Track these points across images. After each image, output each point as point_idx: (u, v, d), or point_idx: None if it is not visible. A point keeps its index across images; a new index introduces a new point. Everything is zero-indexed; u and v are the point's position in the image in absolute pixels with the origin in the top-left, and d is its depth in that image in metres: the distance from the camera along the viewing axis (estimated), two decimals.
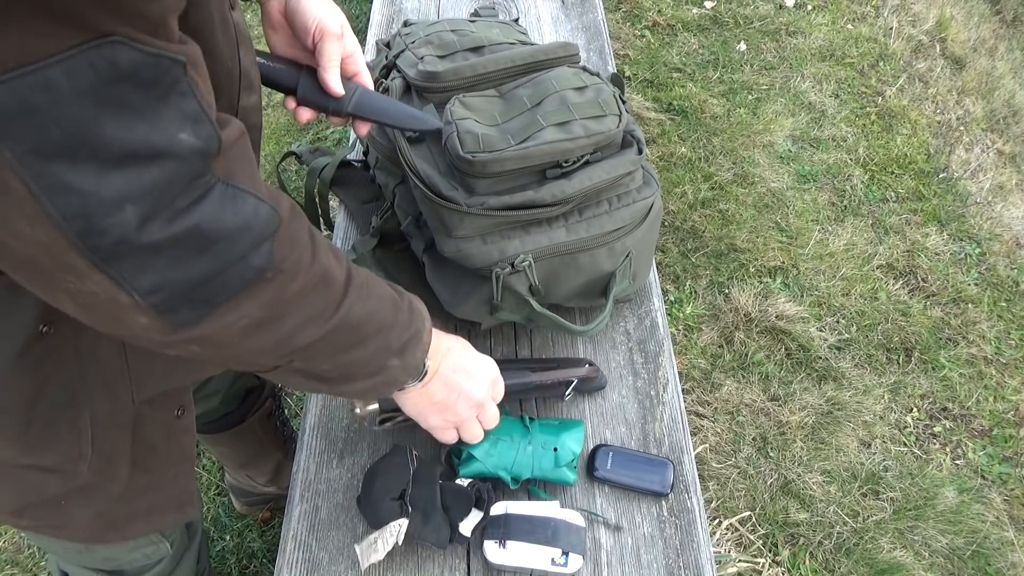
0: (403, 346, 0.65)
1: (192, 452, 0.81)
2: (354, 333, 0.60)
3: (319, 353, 0.59)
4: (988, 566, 1.60)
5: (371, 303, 0.60)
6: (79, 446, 0.68)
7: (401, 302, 0.65)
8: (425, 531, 0.81)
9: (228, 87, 0.61)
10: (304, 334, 0.56)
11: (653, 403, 0.99)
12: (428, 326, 0.69)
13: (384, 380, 0.66)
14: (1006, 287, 2.17)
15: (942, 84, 2.87)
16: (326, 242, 0.58)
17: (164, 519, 0.80)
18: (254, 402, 1.33)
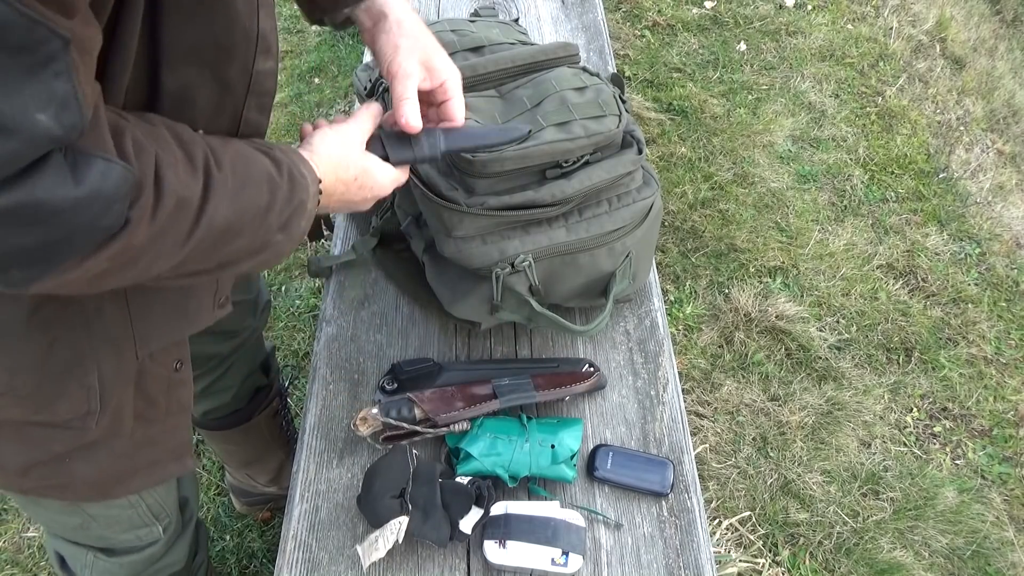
0: (286, 222, 0.63)
1: (189, 403, 0.82)
2: (224, 234, 0.58)
3: (186, 263, 0.58)
4: (988, 566, 1.60)
5: (241, 197, 0.58)
6: (88, 403, 0.69)
7: (279, 177, 0.62)
8: (425, 529, 0.82)
9: (244, 48, 0.61)
10: (161, 262, 0.55)
11: (653, 403, 0.99)
12: (313, 190, 0.66)
13: (273, 254, 0.65)
14: (1006, 287, 2.16)
15: (942, 84, 2.87)
16: (175, 151, 0.54)
17: (165, 470, 0.81)
18: (262, 400, 1.34)
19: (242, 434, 1.35)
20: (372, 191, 0.75)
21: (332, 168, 0.71)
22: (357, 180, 0.73)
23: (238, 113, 0.66)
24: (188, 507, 1.03)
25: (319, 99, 2.59)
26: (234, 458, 1.49)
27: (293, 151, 0.67)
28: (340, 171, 0.72)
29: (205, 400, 1.25)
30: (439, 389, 0.94)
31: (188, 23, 0.56)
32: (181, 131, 0.56)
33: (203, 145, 0.57)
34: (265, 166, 0.61)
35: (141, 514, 0.89)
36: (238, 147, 0.61)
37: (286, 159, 0.64)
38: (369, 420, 0.91)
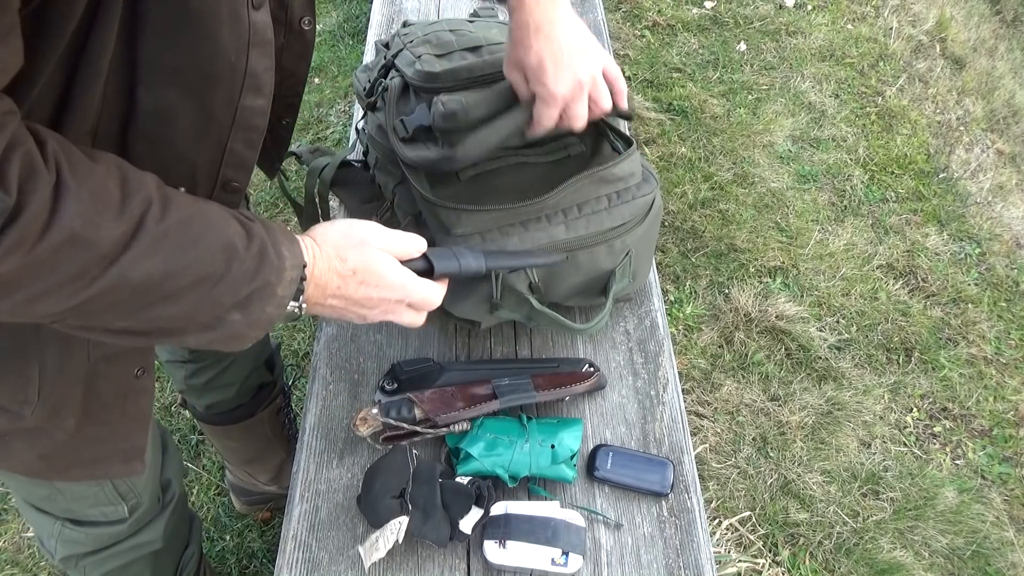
0: (245, 300, 0.58)
1: (148, 411, 0.81)
2: (146, 293, 0.54)
3: (95, 315, 0.54)
4: (988, 566, 1.60)
5: (180, 258, 0.54)
6: (24, 392, 0.69)
7: (245, 250, 0.58)
8: (425, 529, 0.82)
9: (229, 82, 0.60)
10: (49, 302, 0.51)
11: (653, 403, 0.99)
12: (291, 275, 0.61)
13: (227, 334, 0.60)
14: (1006, 287, 2.17)
15: (942, 84, 2.87)
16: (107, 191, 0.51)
17: (109, 469, 0.81)
18: (265, 397, 1.34)
19: (244, 431, 1.36)
20: (379, 291, 0.69)
21: (327, 255, 0.67)
22: (356, 275, 0.68)
23: (223, 143, 0.65)
24: (170, 489, 1.04)
25: (319, 99, 2.59)
26: (235, 455, 1.49)
27: (282, 229, 0.63)
28: (335, 261, 0.67)
29: (208, 394, 1.26)
30: (439, 389, 0.94)
31: (168, 46, 0.55)
32: (131, 176, 0.53)
33: (149, 196, 0.53)
34: (230, 235, 0.57)
35: (107, 493, 0.91)
36: (206, 208, 0.58)
37: (263, 235, 0.60)
38: (369, 420, 0.91)
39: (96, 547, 0.98)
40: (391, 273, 0.70)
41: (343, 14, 2.94)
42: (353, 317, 0.72)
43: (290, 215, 2.18)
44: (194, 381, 1.23)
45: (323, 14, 2.95)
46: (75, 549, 0.97)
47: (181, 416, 1.76)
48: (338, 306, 0.69)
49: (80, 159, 0.51)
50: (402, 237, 0.73)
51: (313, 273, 0.65)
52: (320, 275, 0.66)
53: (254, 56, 0.61)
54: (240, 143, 0.65)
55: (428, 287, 0.74)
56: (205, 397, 1.27)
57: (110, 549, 0.99)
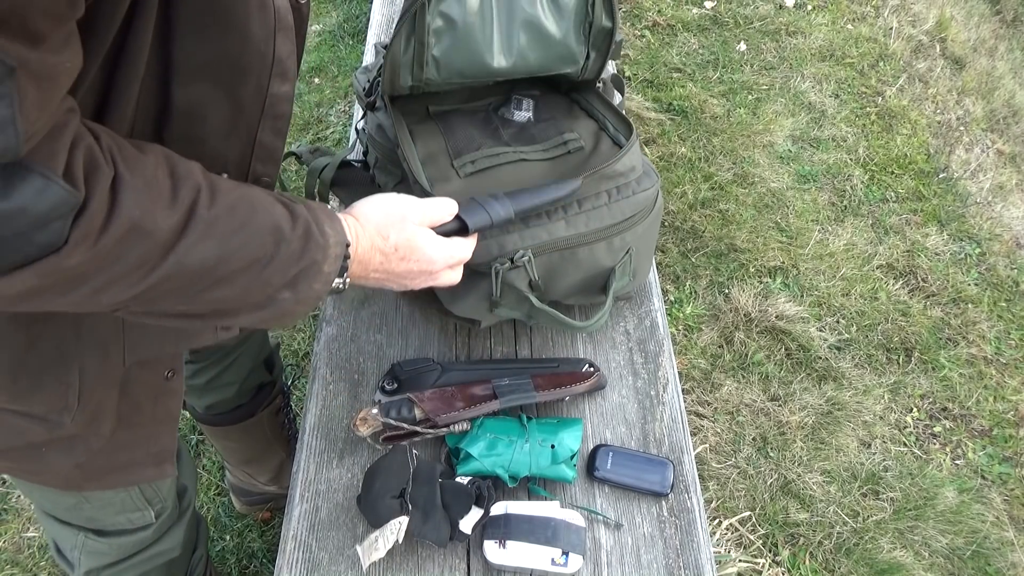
0: (293, 279, 0.61)
1: (177, 413, 0.82)
2: (202, 277, 0.56)
3: (156, 300, 0.56)
4: (988, 566, 1.60)
5: (232, 242, 0.56)
6: (65, 399, 0.70)
7: (291, 231, 0.60)
8: (425, 529, 0.81)
9: (258, 71, 0.61)
10: (115, 291, 0.53)
11: (653, 403, 0.99)
12: (335, 252, 0.63)
13: (278, 312, 0.62)
14: (1006, 287, 2.16)
15: (942, 84, 2.87)
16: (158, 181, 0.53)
17: (143, 473, 0.82)
18: (265, 397, 1.34)
19: (244, 431, 1.36)
20: (419, 265, 0.73)
21: (369, 234, 0.69)
22: (398, 251, 0.71)
23: (252, 134, 0.66)
24: (186, 495, 1.04)
25: (319, 99, 2.59)
26: (235, 455, 1.49)
27: (323, 208, 0.65)
28: (378, 239, 0.69)
29: (208, 394, 1.26)
30: (439, 389, 0.94)
31: (200, 40, 0.56)
32: (178, 165, 0.55)
33: (198, 183, 0.55)
34: (275, 218, 0.59)
35: (134, 497, 0.91)
36: (251, 193, 0.59)
37: (306, 215, 0.62)
38: (369, 420, 0.91)
39: (119, 557, 0.97)
40: (431, 247, 0.73)
41: (343, 14, 2.94)
42: (394, 286, 0.75)
43: None
44: (195, 381, 1.23)
45: (323, 14, 2.95)
46: (98, 560, 0.97)
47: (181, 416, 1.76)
48: (380, 279, 0.72)
49: (131, 151, 0.52)
50: (435, 205, 0.76)
51: (356, 252, 0.67)
52: (363, 253, 0.68)
53: (280, 42, 0.62)
54: (268, 132, 0.67)
55: (462, 247, 0.78)
56: (205, 397, 1.27)
57: (132, 559, 0.98)
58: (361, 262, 0.68)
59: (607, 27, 0.97)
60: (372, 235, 0.69)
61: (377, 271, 0.71)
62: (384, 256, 0.70)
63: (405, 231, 0.71)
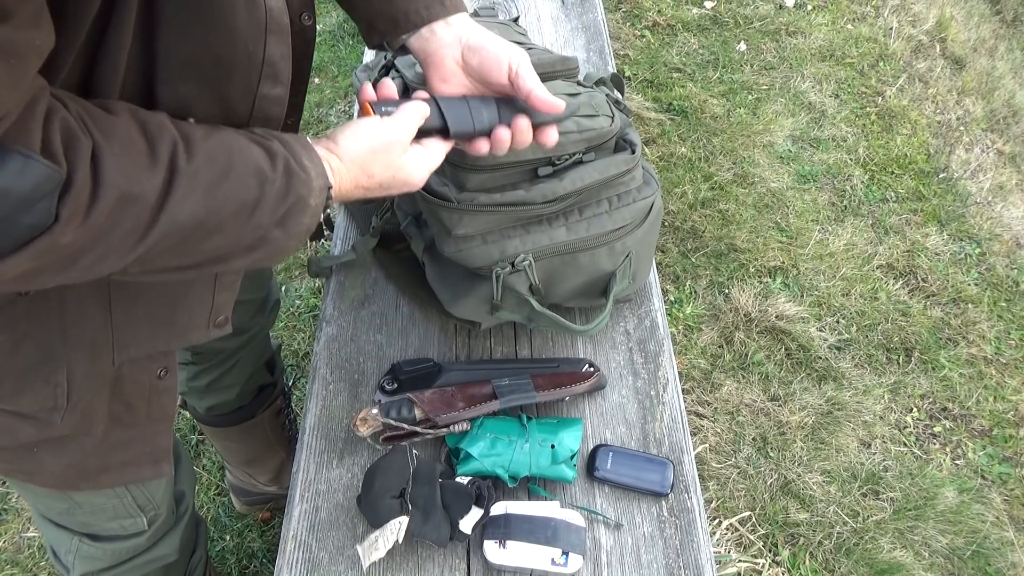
0: (282, 218, 0.60)
1: (172, 411, 0.81)
2: (196, 231, 0.55)
3: (154, 260, 0.55)
4: (988, 566, 1.60)
5: (218, 192, 0.55)
6: (54, 399, 0.69)
7: (272, 171, 0.59)
8: (425, 529, 0.82)
9: (245, 71, 0.60)
10: (112, 260, 0.53)
11: (653, 403, 0.99)
12: (318, 184, 0.62)
13: (271, 251, 0.62)
14: (1006, 287, 2.16)
15: (942, 84, 2.87)
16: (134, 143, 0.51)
17: (138, 472, 0.81)
18: (266, 398, 1.34)
19: (244, 432, 1.36)
20: (401, 188, 0.72)
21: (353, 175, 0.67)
22: (382, 187, 0.70)
23: None
24: (184, 501, 1.04)
25: (319, 99, 2.59)
26: (235, 456, 1.49)
27: (300, 141, 0.64)
28: (362, 178, 0.68)
29: (209, 396, 1.26)
30: (439, 389, 0.95)
31: (184, 36, 0.55)
32: (148, 120, 0.53)
33: (173, 136, 0.54)
34: (255, 158, 0.58)
35: (127, 504, 0.90)
36: (224, 137, 0.58)
37: (284, 151, 0.61)
38: (369, 420, 0.91)
39: (113, 562, 0.97)
40: (415, 172, 0.71)
41: (343, 14, 2.94)
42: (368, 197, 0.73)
43: None
44: (196, 383, 1.23)
45: (323, 14, 2.95)
46: (93, 565, 0.96)
47: (181, 416, 1.76)
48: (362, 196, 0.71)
49: (99, 114, 0.51)
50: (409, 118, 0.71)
51: (340, 191, 0.66)
52: (346, 193, 0.67)
53: (271, 44, 0.60)
54: None
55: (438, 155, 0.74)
56: (207, 399, 1.27)
57: (127, 564, 0.98)
58: (343, 197, 0.68)
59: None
60: (356, 175, 0.67)
61: (358, 199, 0.70)
62: (366, 191, 0.69)
63: (391, 168, 0.69)
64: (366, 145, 0.68)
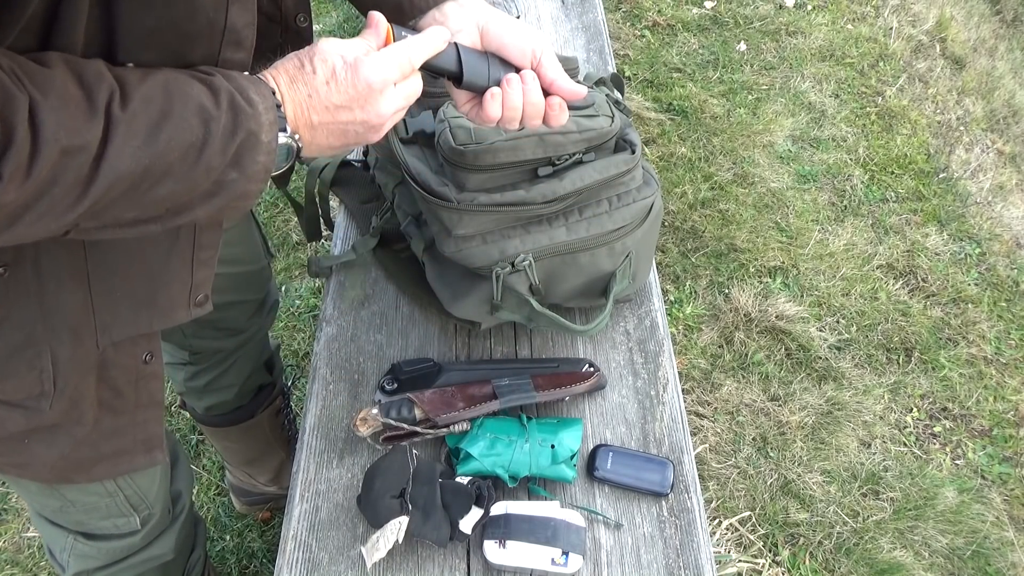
0: (235, 157, 0.57)
1: (161, 397, 0.80)
2: (143, 179, 0.53)
3: (104, 212, 0.54)
4: (988, 566, 1.60)
5: (159, 136, 0.53)
6: (40, 385, 0.68)
7: (216, 108, 0.55)
8: (425, 529, 0.82)
9: (208, 38, 0.58)
10: (58, 215, 0.51)
11: (653, 403, 0.99)
12: (267, 118, 0.58)
13: (232, 195, 0.58)
14: (1006, 287, 2.17)
15: (942, 84, 2.87)
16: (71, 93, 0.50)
17: (132, 461, 0.80)
18: (265, 398, 1.34)
19: (243, 432, 1.36)
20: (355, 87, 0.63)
21: (290, 69, 0.62)
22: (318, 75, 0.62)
23: None
24: (180, 501, 1.03)
25: None
26: (235, 456, 1.49)
27: (242, 76, 0.60)
28: (296, 72, 0.62)
29: (208, 396, 1.26)
30: (439, 389, 0.94)
31: (145, 7, 0.53)
32: (85, 70, 0.51)
33: (110, 84, 0.52)
34: (197, 97, 0.55)
35: (119, 503, 0.90)
36: (163, 79, 0.55)
37: (227, 85, 0.57)
38: (369, 420, 0.91)
39: (107, 561, 0.97)
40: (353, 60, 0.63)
41: (343, 14, 2.94)
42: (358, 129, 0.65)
43: (290, 215, 2.18)
44: (194, 383, 1.23)
45: (323, 14, 2.95)
46: (87, 564, 0.96)
47: (181, 416, 1.76)
48: (325, 119, 0.63)
49: (33, 67, 0.49)
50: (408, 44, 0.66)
51: (283, 94, 0.61)
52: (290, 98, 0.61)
53: (234, 11, 0.59)
54: None
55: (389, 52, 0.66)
56: (205, 399, 1.27)
57: (121, 563, 0.98)
58: (293, 102, 0.61)
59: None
60: (288, 72, 0.62)
61: (314, 109, 0.62)
62: (310, 87, 0.62)
63: (319, 53, 0.63)
64: (315, 45, 0.63)
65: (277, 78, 0.62)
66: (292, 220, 2.17)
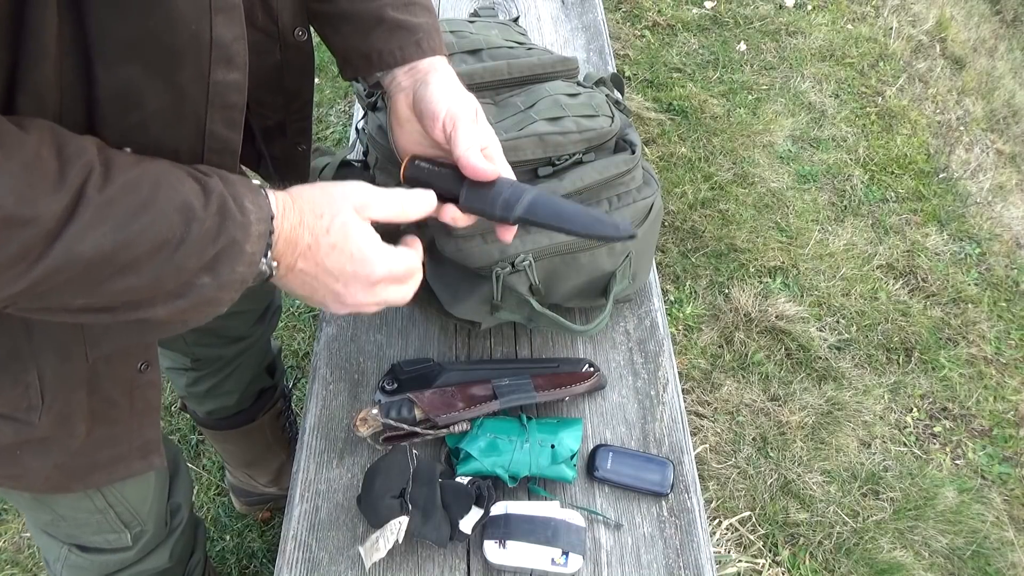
0: (211, 262, 0.54)
1: (157, 403, 0.77)
2: (100, 265, 0.49)
3: (50, 294, 0.50)
4: (988, 566, 1.60)
5: (133, 224, 0.50)
6: (27, 398, 0.67)
7: (204, 209, 0.53)
8: (425, 529, 0.82)
9: (194, 55, 0.55)
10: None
11: (653, 403, 0.99)
12: (258, 229, 0.55)
13: (199, 300, 0.55)
14: (1006, 287, 2.17)
15: (942, 84, 2.87)
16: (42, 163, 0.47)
17: (128, 468, 0.78)
18: (266, 402, 1.34)
19: (244, 435, 1.36)
20: (354, 264, 0.61)
21: (299, 208, 0.60)
22: (330, 235, 0.60)
23: (201, 124, 0.60)
24: (179, 514, 1.02)
25: (319, 99, 2.59)
26: (235, 458, 1.49)
27: (244, 182, 0.57)
28: (309, 216, 0.60)
29: (209, 401, 1.26)
30: (439, 389, 0.94)
31: (119, 17, 0.50)
32: (68, 143, 0.49)
33: (90, 162, 0.49)
34: (184, 194, 0.53)
35: (110, 520, 0.88)
36: (155, 167, 0.53)
37: (221, 189, 0.55)
38: (369, 420, 0.91)
39: (101, 574, 0.96)
40: (371, 245, 0.62)
41: None
42: (327, 297, 0.63)
43: None
44: (195, 389, 1.23)
45: None
46: (80, 575, 0.96)
47: (182, 417, 1.76)
48: (308, 272, 0.61)
49: (8, 130, 0.46)
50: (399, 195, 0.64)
51: (282, 227, 0.58)
52: (290, 230, 0.59)
53: (219, 23, 0.55)
54: (219, 124, 0.60)
55: (410, 257, 0.66)
56: (206, 404, 1.27)
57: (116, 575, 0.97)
58: (288, 240, 0.59)
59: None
60: (302, 210, 0.60)
61: (305, 257, 0.61)
62: (314, 238, 0.60)
63: (343, 214, 0.61)
64: (320, 186, 0.62)
65: (285, 208, 0.59)
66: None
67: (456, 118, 0.68)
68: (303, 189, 0.62)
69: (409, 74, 0.74)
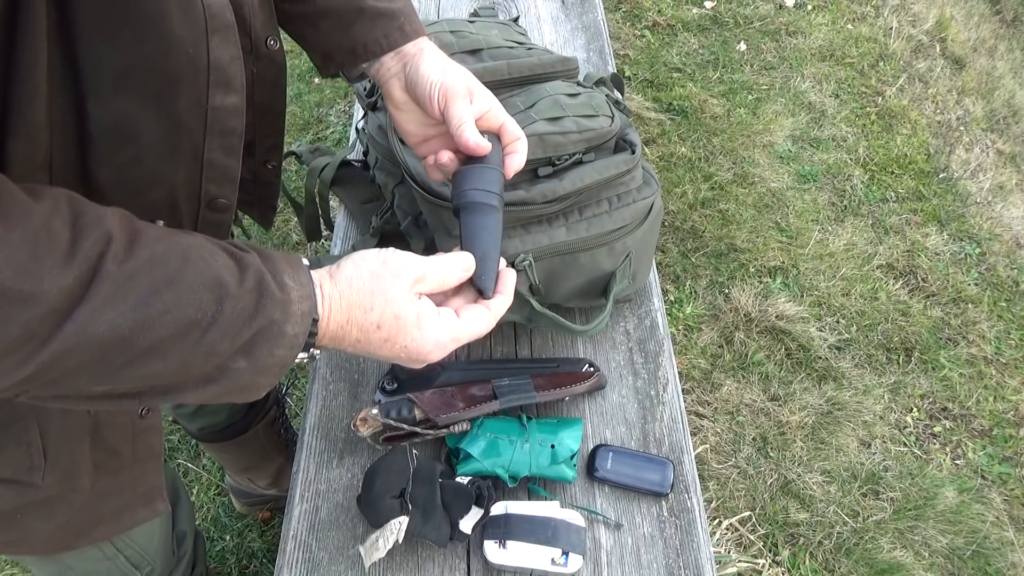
0: (247, 344, 0.48)
1: (159, 449, 0.75)
2: (119, 348, 0.44)
3: (63, 380, 0.44)
4: (988, 566, 1.60)
5: (154, 304, 0.44)
6: (29, 459, 0.64)
7: (238, 286, 0.48)
8: (425, 529, 0.81)
9: (191, 80, 0.53)
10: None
11: (653, 403, 0.99)
12: (300, 309, 0.51)
13: (235, 386, 0.50)
14: (1006, 287, 2.17)
15: (942, 84, 2.87)
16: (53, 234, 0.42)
17: (133, 517, 0.76)
18: (258, 412, 1.33)
19: (238, 445, 1.34)
20: (408, 352, 0.57)
21: (348, 303, 0.55)
22: (381, 330, 0.56)
23: (199, 154, 0.56)
24: (185, 542, 1.01)
25: (319, 99, 2.59)
26: (232, 465, 1.48)
27: (284, 257, 0.53)
28: (357, 311, 0.55)
29: (199, 419, 1.25)
30: (439, 389, 0.94)
31: (112, 47, 0.47)
32: (84, 212, 0.44)
33: (108, 233, 0.44)
34: (216, 269, 0.47)
35: (120, 565, 0.86)
36: (185, 241, 0.48)
37: (259, 264, 0.50)
38: (369, 420, 0.91)
39: None
40: (426, 328, 0.58)
41: None
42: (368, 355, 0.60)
43: (290, 215, 2.18)
44: (182, 410, 1.22)
45: None
46: None
47: None
48: (359, 351, 0.58)
49: (14, 198, 0.42)
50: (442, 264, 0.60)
51: (328, 325, 0.54)
52: (337, 328, 0.55)
53: (215, 45, 0.52)
54: (218, 152, 0.58)
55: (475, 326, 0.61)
56: (196, 422, 1.25)
57: None
58: (334, 338, 0.55)
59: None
60: (350, 304, 0.55)
61: (354, 347, 0.57)
62: (363, 334, 0.56)
63: (393, 305, 0.56)
64: (367, 268, 0.56)
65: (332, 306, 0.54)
66: (292, 220, 2.17)
67: (448, 95, 0.67)
68: (351, 276, 0.56)
69: (398, 58, 0.73)
